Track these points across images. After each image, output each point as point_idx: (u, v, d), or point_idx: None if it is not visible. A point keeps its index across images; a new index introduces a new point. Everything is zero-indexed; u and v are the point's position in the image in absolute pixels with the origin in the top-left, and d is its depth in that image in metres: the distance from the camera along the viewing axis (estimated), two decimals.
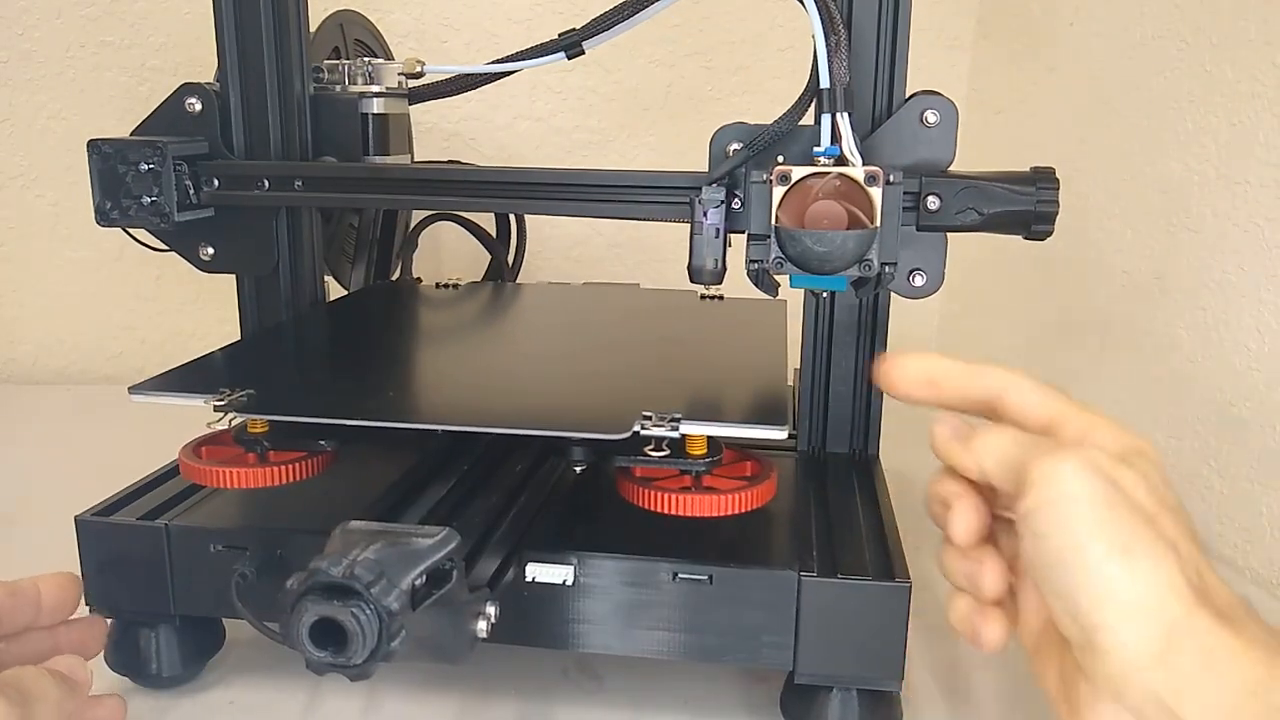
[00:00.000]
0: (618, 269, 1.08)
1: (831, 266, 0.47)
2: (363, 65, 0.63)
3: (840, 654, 0.44)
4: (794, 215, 0.47)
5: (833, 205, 0.46)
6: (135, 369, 1.07)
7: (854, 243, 0.46)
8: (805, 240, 0.46)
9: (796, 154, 0.50)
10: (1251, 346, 0.65)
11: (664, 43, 1.03)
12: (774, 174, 0.47)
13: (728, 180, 0.50)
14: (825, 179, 0.47)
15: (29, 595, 0.43)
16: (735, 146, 0.51)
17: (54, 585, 0.44)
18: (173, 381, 0.48)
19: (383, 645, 0.33)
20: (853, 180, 0.46)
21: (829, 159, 0.47)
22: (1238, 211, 0.66)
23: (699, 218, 0.50)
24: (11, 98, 1.02)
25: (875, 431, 0.59)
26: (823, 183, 0.46)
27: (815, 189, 0.47)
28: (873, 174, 0.46)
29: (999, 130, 0.97)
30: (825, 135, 0.48)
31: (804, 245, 0.46)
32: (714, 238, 0.50)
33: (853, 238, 0.46)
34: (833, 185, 0.46)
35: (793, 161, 0.49)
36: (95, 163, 0.57)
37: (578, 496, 0.53)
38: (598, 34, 0.58)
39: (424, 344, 0.64)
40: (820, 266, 0.47)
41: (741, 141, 0.51)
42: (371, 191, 0.59)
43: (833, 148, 0.48)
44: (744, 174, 0.49)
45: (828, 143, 0.48)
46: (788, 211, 0.47)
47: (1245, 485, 0.66)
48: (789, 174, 0.47)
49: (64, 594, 0.44)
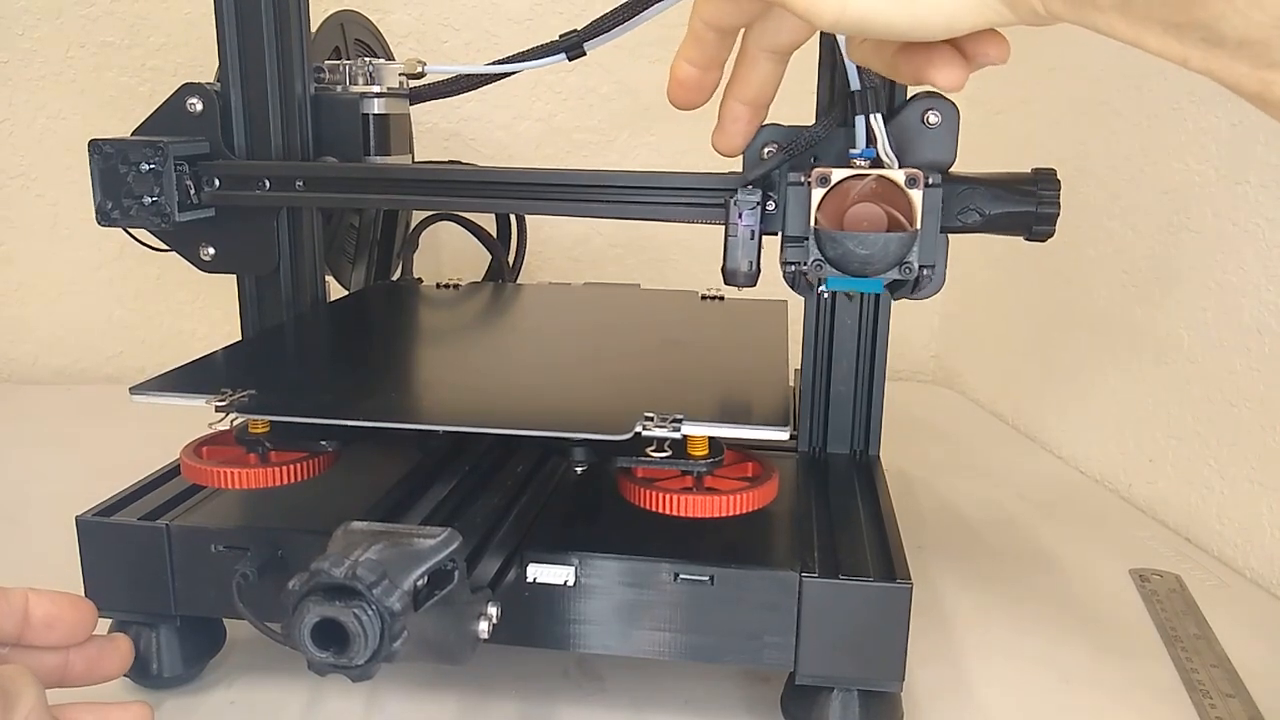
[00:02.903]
0: (618, 269, 1.08)
1: (873, 269, 0.46)
2: (363, 65, 0.63)
3: (841, 654, 0.44)
4: (833, 217, 0.47)
5: (872, 207, 0.46)
6: (135, 369, 1.07)
7: (896, 245, 0.46)
8: (847, 243, 0.46)
9: (829, 156, 0.50)
10: (1251, 346, 0.65)
11: (664, 43, 1.02)
12: (813, 176, 0.47)
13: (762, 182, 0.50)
14: (863, 181, 0.46)
15: (15, 605, 0.40)
16: (770, 148, 0.51)
17: (48, 601, 0.41)
18: (173, 381, 0.48)
19: (384, 646, 0.33)
20: (891, 182, 0.46)
21: (865, 160, 0.47)
22: (1238, 211, 0.66)
23: (734, 219, 0.50)
24: (11, 98, 1.02)
25: (876, 432, 0.59)
26: (860, 185, 0.46)
27: (853, 191, 0.46)
28: (913, 176, 0.46)
29: (999, 130, 0.97)
30: (860, 137, 0.48)
31: (846, 248, 0.46)
32: (749, 239, 0.50)
33: (895, 240, 0.46)
34: (870, 187, 0.46)
35: (825, 163, 0.48)
36: (96, 163, 0.57)
37: (579, 497, 0.53)
38: (598, 35, 0.58)
39: (425, 344, 0.64)
40: (862, 269, 0.46)
41: (777, 143, 0.51)
42: (372, 191, 0.60)
43: (869, 149, 0.48)
44: (779, 176, 0.49)
45: (863, 145, 0.48)
46: (826, 214, 0.47)
47: (1245, 485, 0.66)
48: (829, 176, 0.47)
49: (60, 611, 0.41)
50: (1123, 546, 0.68)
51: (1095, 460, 0.82)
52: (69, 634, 0.42)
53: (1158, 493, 0.74)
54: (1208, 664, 0.53)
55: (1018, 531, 0.71)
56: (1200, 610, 0.59)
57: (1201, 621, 0.58)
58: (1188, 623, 0.58)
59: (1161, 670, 0.53)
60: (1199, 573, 0.64)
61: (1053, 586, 0.63)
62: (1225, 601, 0.60)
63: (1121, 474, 0.78)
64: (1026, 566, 0.65)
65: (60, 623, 0.41)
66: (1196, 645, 0.55)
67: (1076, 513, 0.74)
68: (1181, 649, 0.55)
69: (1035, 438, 0.90)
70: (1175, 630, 0.57)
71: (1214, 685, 0.51)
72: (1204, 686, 0.51)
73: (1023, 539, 0.69)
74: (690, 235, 1.06)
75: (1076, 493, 0.79)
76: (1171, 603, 0.60)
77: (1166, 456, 0.73)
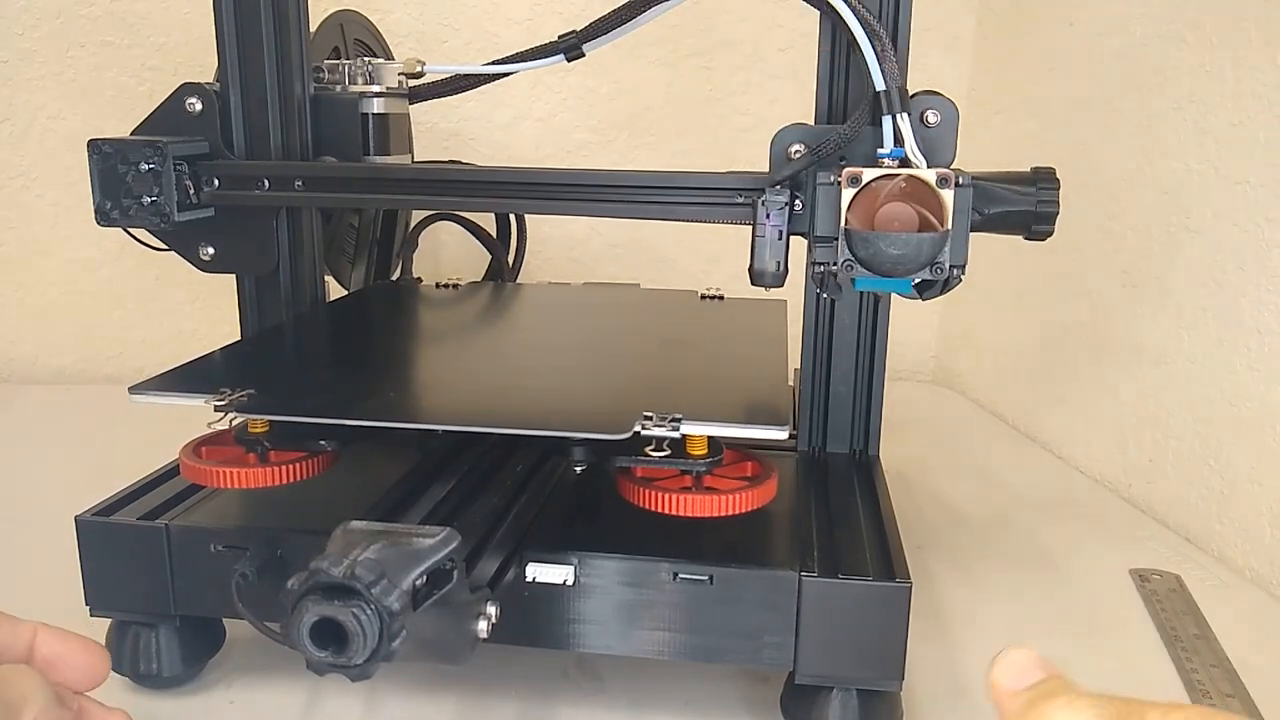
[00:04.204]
0: (618, 269, 1.08)
1: (905, 269, 0.46)
2: (363, 65, 0.63)
3: (841, 654, 0.44)
4: (863, 218, 0.47)
5: (903, 207, 0.46)
6: (135, 369, 1.07)
7: (929, 245, 0.46)
8: (879, 243, 0.46)
9: (855, 156, 0.50)
10: (1251, 346, 0.65)
11: (664, 43, 1.03)
12: (843, 176, 0.47)
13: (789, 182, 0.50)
14: (893, 181, 0.46)
15: (21, 638, 0.37)
16: (798, 149, 0.51)
17: (57, 640, 0.37)
18: (173, 381, 0.48)
19: (383, 645, 0.33)
20: (922, 182, 0.46)
21: (894, 160, 0.47)
22: (1238, 211, 0.66)
23: (761, 220, 0.49)
24: (11, 98, 1.02)
25: (875, 431, 0.59)
26: (891, 185, 0.46)
27: (883, 191, 0.46)
28: (944, 176, 0.46)
29: (999, 130, 0.97)
30: (888, 137, 0.48)
31: (877, 248, 0.46)
32: (777, 240, 0.50)
33: (928, 240, 0.46)
34: (900, 187, 0.46)
35: (852, 164, 0.48)
36: (95, 163, 0.57)
37: (578, 497, 0.53)
38: (597, 36, 0.58)
39: (424, 344, 0.64)
40: (893, 269, 0.46)
41: (804, 143, 0.51)
42: (372, 191, 0.60)
43: (897, 149, 0.48)
44: (808, 176, 0.49)
45: (891, 144, 0.48)
46: (857, 214, 0.47)
47: (1245, 485, 0.66)
48: (859, 176, 0.47)
49: (66, 652, 0.37)
50: (1123, 546, 0.68)
51: (1095, 460, 0.81)
52: (74, 678, 0.38)
53: (1158, 493, 0.74)
54: (1207, 664, 0.53)
55: (1017, 531, 0.71)
56: (1200, 610, 0.59)
57: (1201, 621, 0.58)
58: (1188, 623, 0.57)
59: (1161, 670, 0.53)
60: (1199, 573, 0.64)
61: (1052, 586, 0.63)
62: (1225, 601, 0.60)
63: (1121, 474, 0.78)
64: (1026, 566, 0.65)
65: (63, 664, 0.38)
66: (1196, 645, 0.55)
67: (1076, 513, 0.74)
68: (1181, 649, 0.55)
69: (1035, 438, 0.90)
70: (1175, 630, 0.57)
71: (1214, 685, 0.51)
72: (1204, 686, 0.51)
73: (1022, 539, 0.69)
74: (691, 235, 1.06)
75: (1076, 493, 0.78)
76: (1171, 603, 0.60)
77: (1166, 456, 0.73)
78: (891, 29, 0.52)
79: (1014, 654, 0.30)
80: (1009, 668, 0.30)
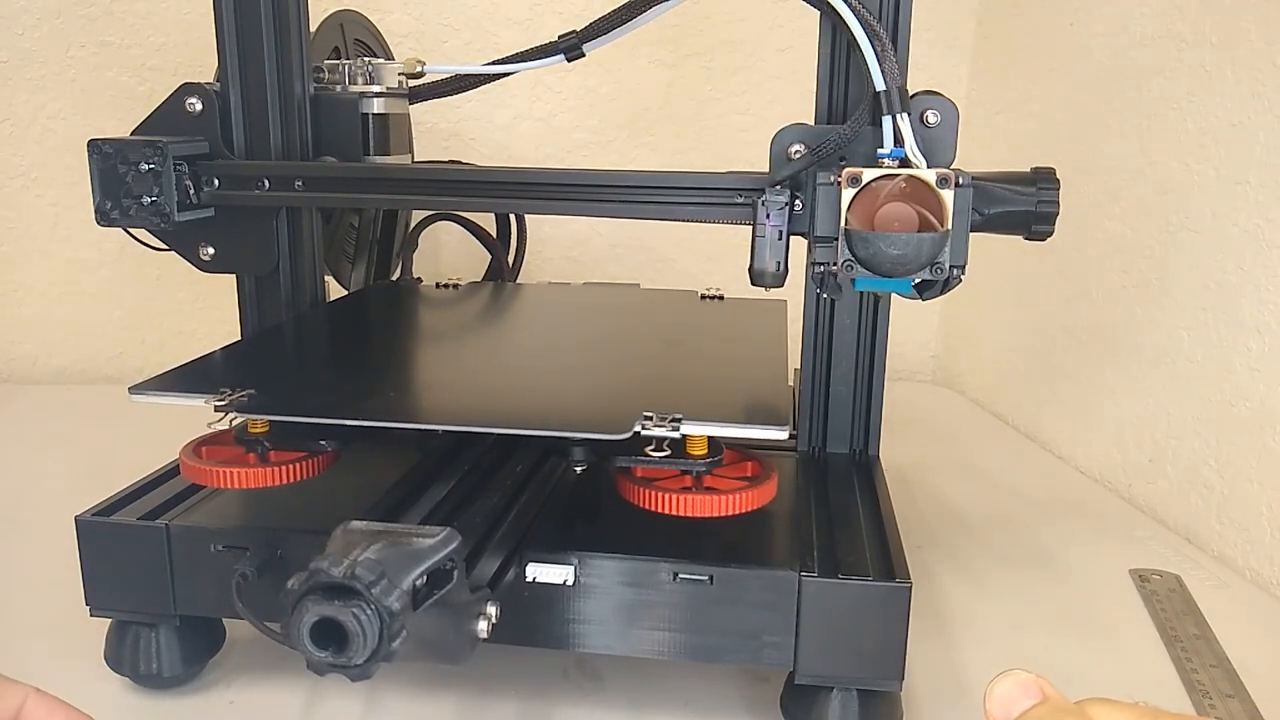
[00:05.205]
0: (618, 269, 1.08)
1: (905, 269, 0.46)
2: (363, 65, 0.63)
3: (840, 654, 0.44)
4: (863, 218, 0.47)
5: (903, 207, 0.46)
6: (135, 369, 1.07)
7: (929, 245, 0.46)
8: (879, 243, 0.46)
9: (854, 156, 0.50)
10: (1252, 346, 0.65)
11: (664, 43, 1.03)
12: (843, 176, 0.47)
13: (789, 182, 0.50)
14: (893, 181, 0.46)
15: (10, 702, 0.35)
16: (797, 149, 0.51)
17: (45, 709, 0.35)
18: (173, 381, 0.48)
19: (384, 645, 0.33)
20: (922, 182, 0.46)
21: (894, 161, 0.47)
22: (1238, 211, 0.66)
23: (761, 220, 0.49)
24: (11, 98, 1.02)
25: (875, 431, 0.59)
26: (891, 185, 0.46)
27: (883, 191, 0.46)
28: (944, 176, 0.46)
29: (999, 130, 0.97)
30: (888, 137, 0.48)
31: (878, 248, 0.46)
32: (777, 240, 0.50)
33: (928, 240, 0.46)
34: (900, 187, 0.46)
35: (852, 164, 0.48)
36: (95, 163, 0.57)
37: (578, 497, 0.53)
38: (597, 36, 0.58)
39: (424, 344, 0.64)
40: (893, 269, 0.46)
41: (804, 143, 0.51)
42: (372, 191, 0.59)
43: (897, 149, 0.48)
44: (808, 177, 0.49)
45: (891, 145, 0.48)
46: (857, 214, 0.47)
47: (1245, 485, 0.66)
48: (859, 176, 0.47)
49: None
50: (1123, 546, 0.68)
51: (1095, 460, 0.81)
52: None
53: (1158, 493, 0.74)
54: (1207, 664, 0.53)
55: (1017, 531, 0.71)
56: (1200, 610, 0.59)
57: (1201, 621, 0.58)
58: (1187, 623, 0.57)
59: (1161, 670, 0.53)
60: (1199, 573, 0.64)
61: (1052, 586, 0.63)
62: (1225, 601, 0.60)
63: (1121, 474, 0.78)
64: (1026, 566, 0.65)
65: None
66: (1196, 645, 0.55)
67: (1076, 513, 0.74)
68: (1181, 649, 0.55)
69: (1035, 438, 0.90)
70: (1175, 630, 0.57)
71: (1213, 685, 0.51)
72: (1203, 686, 0.51)
73: (1023, 539, 0.69)
74: (691, 235, 1.06)
75: (1076, 493, 0.78)
76: (1171, 603, 0.60)
77: (1166, 456, 0.73)
78: (891, 29, 0.52)
79: (1003, 682, 0.30)
80: (999, 699, 0.30)
